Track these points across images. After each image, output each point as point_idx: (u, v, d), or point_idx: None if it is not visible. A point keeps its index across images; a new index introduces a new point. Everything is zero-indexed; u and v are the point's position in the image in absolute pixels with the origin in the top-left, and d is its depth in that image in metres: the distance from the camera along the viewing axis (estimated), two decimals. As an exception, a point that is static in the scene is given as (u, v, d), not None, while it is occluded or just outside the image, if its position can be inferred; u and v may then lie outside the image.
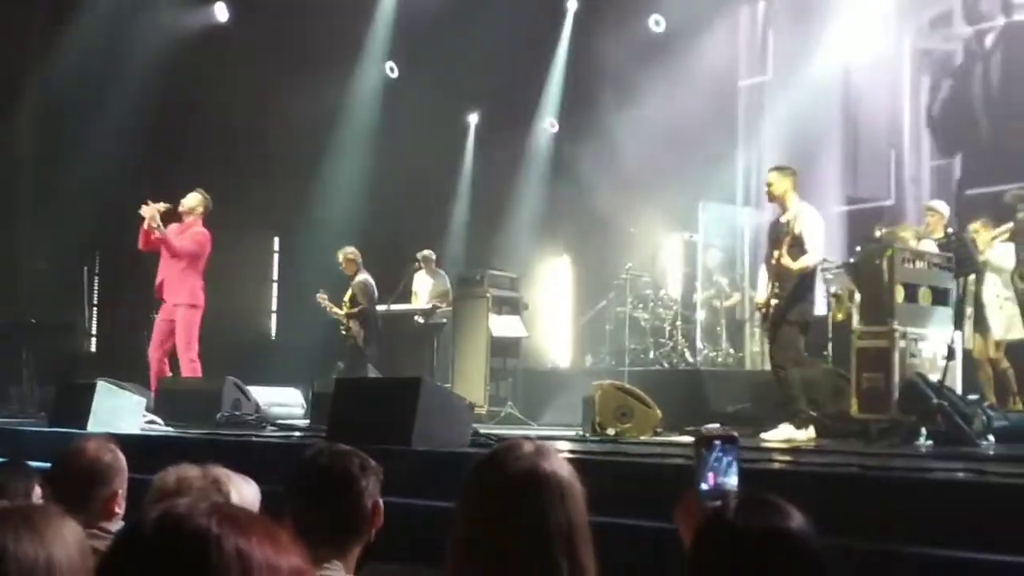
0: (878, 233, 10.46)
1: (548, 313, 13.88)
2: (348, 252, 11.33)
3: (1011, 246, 9.51)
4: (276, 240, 16.02)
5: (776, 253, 8.14)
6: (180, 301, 9.95)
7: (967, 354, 9.40)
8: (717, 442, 2.15)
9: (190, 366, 9.96)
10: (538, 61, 15.21)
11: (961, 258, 8.60)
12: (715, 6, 13.53)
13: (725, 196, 13.57)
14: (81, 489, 3.31)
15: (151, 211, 9.76)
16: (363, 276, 11.28)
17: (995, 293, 9.52)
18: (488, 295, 11.73)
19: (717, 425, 8.81)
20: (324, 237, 12.12)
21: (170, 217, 10.01)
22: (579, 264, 14.34)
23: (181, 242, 9.91)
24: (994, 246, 9.52)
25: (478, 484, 2.11)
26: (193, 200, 10.08)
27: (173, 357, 10.11)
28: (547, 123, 15.81)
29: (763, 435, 7.96)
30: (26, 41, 13.37)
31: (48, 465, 3.64)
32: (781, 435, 7.83)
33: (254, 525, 1.34)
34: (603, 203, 13.61)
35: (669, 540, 2.21)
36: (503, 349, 11.82)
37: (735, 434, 2.18)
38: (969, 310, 9.43)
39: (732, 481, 2.13)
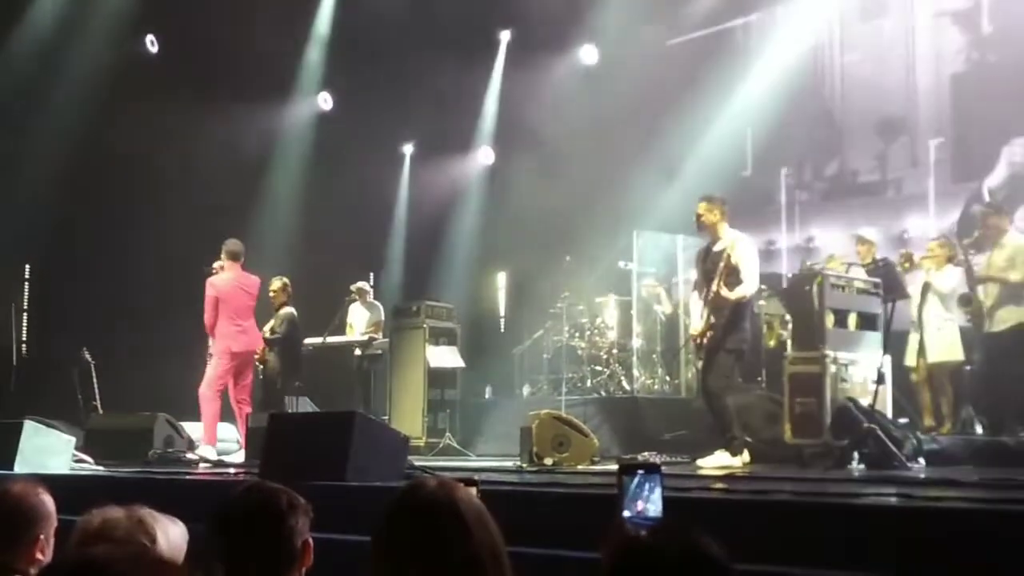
0: (809, 263, 10.65)
1: (484, 343, 13.87)
2: (285, 281, 11.20)
3: (957, 270, 9.47)
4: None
5: (713, 284, 8.10)
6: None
7: (907, 377, 9.48)
8: (640, 471, 2.18)
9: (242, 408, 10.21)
10: (473, 91, 15.26)
11: (889, 284, 8.75)
12: (646, 38, 13.68)
13: (660, 224, 13.69)
14: (3, 533, 3.19)
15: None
16: (290, 308, 11.19)
17: (935, 314, 9.40)
18: (425, 326, 11.71)
19: (648, 454, 8.90)
20: (259, 271, 11.96)
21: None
22: (515, 293, 14.36)
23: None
24: (945, 269, 9.45)
25: (394, 529, 2.11)
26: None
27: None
28: (482, 153, 15.86)
29: (699, 461, 8.04)
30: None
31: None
32: (716, 462, 7.90)
33: (170, 574, 1.32)
34: (538, 233, 13.66)
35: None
36: (441, 380, 11.79)
37: (658, 462, 2.23)
38: (915, 334, 9.48)
39: (656, 508, 2.16)
